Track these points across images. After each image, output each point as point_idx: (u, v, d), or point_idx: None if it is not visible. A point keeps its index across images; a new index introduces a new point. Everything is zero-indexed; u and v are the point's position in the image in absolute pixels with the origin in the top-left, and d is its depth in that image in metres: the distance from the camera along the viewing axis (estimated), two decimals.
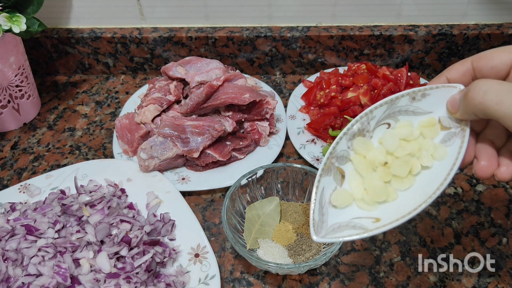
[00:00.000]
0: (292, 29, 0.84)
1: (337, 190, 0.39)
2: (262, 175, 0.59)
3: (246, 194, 0.59)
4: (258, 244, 0.55)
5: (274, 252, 0.54)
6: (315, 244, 0.55)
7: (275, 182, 0.61)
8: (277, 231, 0.57)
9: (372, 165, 0.40)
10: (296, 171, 0.59)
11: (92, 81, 0.90)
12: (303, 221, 0.58)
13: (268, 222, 0.57)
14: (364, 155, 0.40)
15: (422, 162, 0.38)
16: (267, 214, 0.58)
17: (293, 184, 0.60)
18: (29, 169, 0.72)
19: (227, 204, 0.54)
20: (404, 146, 0.39)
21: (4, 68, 0.71)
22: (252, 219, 0.57)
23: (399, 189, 0.38)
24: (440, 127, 0.38)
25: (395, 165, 0.38)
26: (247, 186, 0.59)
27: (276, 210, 0.58)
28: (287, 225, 0.57)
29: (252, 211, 0.58)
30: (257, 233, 0.56)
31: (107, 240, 0.54)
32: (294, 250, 0.55)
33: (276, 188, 0.61)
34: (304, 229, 0.57)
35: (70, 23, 0.87)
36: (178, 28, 0.86)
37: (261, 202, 0.59)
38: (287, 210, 0.59)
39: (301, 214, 0.58)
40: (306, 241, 0.55)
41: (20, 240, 0.52)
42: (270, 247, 0.55)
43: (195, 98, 0.69)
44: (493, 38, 0.82)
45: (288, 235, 0.56)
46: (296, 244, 0.55)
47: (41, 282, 0.48)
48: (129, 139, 0.70)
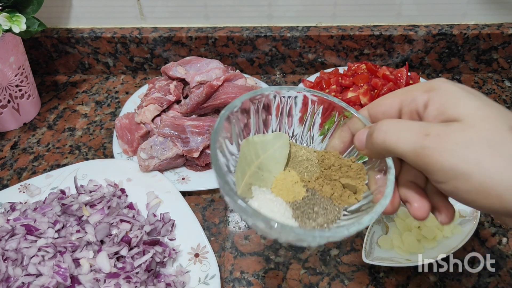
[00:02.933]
0: (292, 29, 0.84)
1: (383, 236, 0.58)
2: (271, 100, 0.41)
3: (249, 120, 0.41)
4: (252, 194, 0.38)
5: (273, 208, 0.38)
6: (332, 208, 0.38)
7: (286, 115, 0.43)
8: (280, 180, 0.40)
9: (408, 227, 0.58)
10: (322, 103, 0.41)
11: (92, 81, 0.90)
12: (318, 173, 0.40)
13: (269, 165, 0.41)
14: (404, 219, 0.59)
15: (444, 233, 0.57)
16: (269, 155, 0.41)
17: (312, 122, 0.43)
18: (29, 169, 0.72)
19: (221, 125, 0.37)
20: (433, 220, 0.56)
21: (4, 68, 0.71)
22: (247, 157, 0.40)
23: (425, 246, 0.56)
24: (459, 215, 0.59)
25: (425, 230, 0.57)
26: (250, 111, 0.41)
27: (282, 151, 0.41)
28: (294, 175, 0.41)
29: (250, 146, 0.40)
30: (252, 178, 0.39)
31: (107, 240, 0.54)
32: (302, 210, 0.38)
33: (287, 122, 0.43)
34: (318, 185, 0.39)
35: (70, 23, 0.87)
36: (178, 28, 0.86)
37: (263, 137, 0.41)
38: (297, 155, 0.42)
39: (315, 164, 0.41)
40: (320, 201, 0.38)
41: (20, 240, 0.52)
42: (268, 200, 0.39)
43: (195, 98, 0.69)
44: (493, 38, 0.82)
45: (295, 188, 0.40)
46: (305, 203, 0.38)
47: (41, 282, 0.48)
48: (129, 139, 0.70)
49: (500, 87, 0.84)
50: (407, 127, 0.30)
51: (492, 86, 0.84)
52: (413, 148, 0.29)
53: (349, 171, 0.37)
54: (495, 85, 0.85)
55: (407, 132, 0.30)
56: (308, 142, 0.43)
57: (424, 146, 0.28)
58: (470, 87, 0.31)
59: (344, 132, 0.38)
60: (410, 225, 0.58)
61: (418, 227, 0.58)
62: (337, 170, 0.38)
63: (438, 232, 0.57)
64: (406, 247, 0.56)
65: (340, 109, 0.39)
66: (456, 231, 0.57)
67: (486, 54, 0.85)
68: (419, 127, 0.29)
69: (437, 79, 0.32)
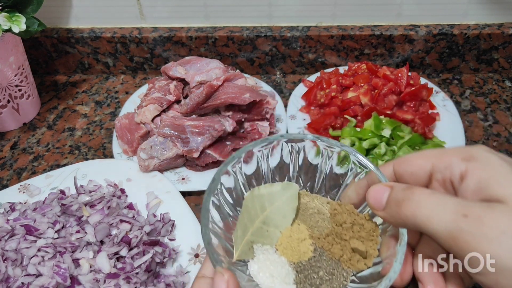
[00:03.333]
0: (292, 28, 0.84)
1: None
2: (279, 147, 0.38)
3: (252, 175, 0.38)
4: (253, 254, 0.34)
5: (274, 272, 0.34)
6: (339, 273, 0.34)
7: (297, 163, 0.39)
8: (286, 237, 0.36)
9: None
10: (332, 151, 0.38)
11: (91, 81, 0.90)
12: (329, 229, 0.36)
13: (275, 220, 0.36)
14: None
15: None
16: (276, 208, 0.37)
17: (325, 169, 0.39)
18: (28, 169, 0.72)
19: (219, 180, 0.34)
20: None
21: (4, 68, 0.71)
22: (251, 212, 0.36)
23: None
24: None
25: None
26: (256, 161, 0.38)
27: (291, 203, 0.37)
28: (303, 230, 0.36)
29: (255, 199, 0.36)
30: (255, 235, 0.35)
31: (107, 240, 0.53)
32: (306, 274, 0.34)
33: (297, 171, 0.40)
34: (327, 244, 0.35)
35: (70, 23, 0.87)
36: (178, 28, 0.86)
37: (271, 187, 0.37)
38: (308, 206, 0.38)
39: (327, 218, 0.37)
40: (326, 263, 0.34)
41: (19, 240, 0.52)
42: (270, 261, 0.34)
43: (195, 98, 0.69)
44: (494, 38, 0.82)
45: (301, 246, 0.35)
46: (310, 264, 0.34)
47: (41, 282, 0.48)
48: (129, 139, 0.70)
49: (500, 87, 0.84)
50: (443, 202, 0.26)
51: (493, 86, 0.84)
52: (448, 229, 0.25)
53: (361, 231, 0.33)
54: (496, 85, 0.84)
55: (442, 209, 0.25)
56: (322, 192, 0.39)
57: (462, 229, 0.24)
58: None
59: (361, 184, 0.34)
60: None
61: None
62: (348, 228, 0.34)
63: None
64: None
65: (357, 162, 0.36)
66: None
67: (487, 54, 0.84)
68: (457, 205, 0.25)
69: (478, 147, 0.28)
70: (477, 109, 0.79)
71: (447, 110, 0.75)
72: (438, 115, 0.74)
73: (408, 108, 0.71)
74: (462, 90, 0.84)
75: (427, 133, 0.69)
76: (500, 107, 0.79)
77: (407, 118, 0.70)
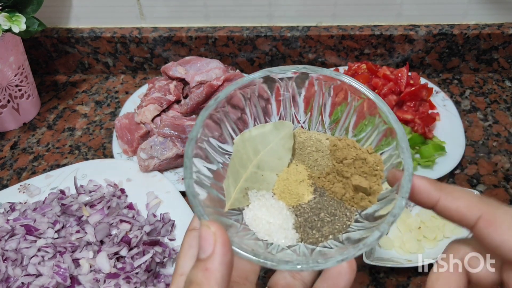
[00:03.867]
0: (292, 28, 0.84)
1: (383, 236, 0.49)
2: (267, 84, 0.33)
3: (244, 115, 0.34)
4: (248, 201, 0.32)
5: (270, 218, 0.31)
6: (342, 213, 0.31)
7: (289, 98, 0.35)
8: (283, 179, 0.33)
9: (409, 227, 0.59)
10: (329, 82, 0.33)
11: (91, 81, 0.90)
12: (330, 167, 0.33)
13: (270, 162, 0.33)
14: (404, 219, 0.59)
15: (444, 234, 0.57)
16: (269, 150, 0.33)
17: (321, 103, 0.35)
18: (28, 169, 0.72)
19: (200, 125, 0.30)
20: (433, 220, 0.58)
21: (4, 67, 0.71)
22: (243, 157, 0.33)
23: (426, 247, 0.57)
24: None
25: (426, 230, 0.58)
26: (242, 103, 0.34)
27: (286, 143, 0.34)
28: (301, 170, 0.33)
29: (246, 143, 0.33)
30: (249, 181, 0.33)
31: (107, 240, 0.53)
32: (306, 217, 0.31)
33: (293, 108, 0.35)
34: (328, 182, 0.32)
35: (70, 23, 0.87)
36: (178, 28, 0.86)
37: (262, 128, 0.34)
38: (305, 145, 0.34)
39: (326, 156, 0.33)
40: (328, 203, 0.31)
41: (19, 240, 0.52)
42: (267, 207, 0.32)
43: (195, 98, 0.69)
44: (494, 38, 0.82)
45: (299, 188, 0.32)
46: (310, 206, 0.31)
47: (41, 282, 0.48)
48: (129, 139, 0.70)
49: (500, 87, 0.84)
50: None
51: (493, 86, 0.84)
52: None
53: (364, 166, 0.31)
54: (496, 85, 0.84)
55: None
56: (320, 128, 0.35)
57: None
58: None
59: None
60: (410, 225, 0.58)
61: (419, 228, 0.58)
62: (350, 164, 0.31)
63: (438, 233, 0.57)
64: (407, 248, 0.56)
65: (353, 90, 0.32)
66: (457, 231, 0.57)
67: (487, 54, 0.84)
68: None
69: None
70: (477, 109, 0.79)
71: (447, 110, 0.75)
72: (438, 115, 0.74)
73: (408, 108, 0.71)
74: (462, 90, 0.84)
75: (427, 133, 0.69)
76: (500, 107, 0.79)
77: (407, 118, 0.70)
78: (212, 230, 0.25)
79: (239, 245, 0.26)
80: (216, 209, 0.30)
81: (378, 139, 0.32)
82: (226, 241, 0.24)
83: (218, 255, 0.24)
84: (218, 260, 0.24)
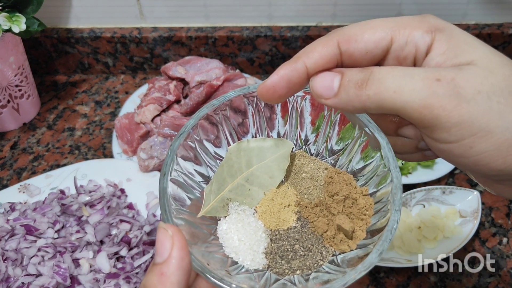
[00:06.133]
0: (292, 28, 0.84)
1: None
2: None
3: (246, 120, 0.34)
4: (226, 212, 0.31)
5: (244, 235, 0.29)
6: (317, 251, 0.29)
7: (297, 116, 0.33)
8: (269, 199, 0.31)
9: (409, 227, 0.58)
10: None
11: (91, 81, 0.90)
12: (320, 199, 0.31)
13: (260, 178, 0.32)
14: (404, 219, 0.59)
15: (444, 234, 0.57)
16: (263, 166, 0.32)
17: (328, 128, 0.33)
18: (28, 169, 0.72)
19: (198, 119, 0.30)
20: (433, 220, 0.58)
21: (4, 68, 0.71)
22: (234, 166, 0.32)
23: (426, 247, 0.57)
24: (459, 215, 0.59)
25: (426, 230, 0.57)
26: (246, 110, 0.33)
27: (281, 163, 0.32)
28: (290, 194, 0.32)
29: (242, 152, 0.32)
30: (234, 192, 0.31)
31: (107, 240, 0.54)
32: (279, 244, 0.29)
33: (299, 126, 0.34)
34: (314, 215, 0.30)
35: (70, 23, 0.87)
36: (178, 28, 0.86)
37: (262, 142, 0.33)
38: (302, 170, 0.33)
39: (320, 186, 0.32)
40: (306, 236, 0.30)
41: (19, 240, 0.52)
42: (243, 223, 0.30)
43: (195, 98, 0.69)
44: (494, 38, 0.82)
45: (282, 213, 0.31)
46: (287, 235, 0.30)
47: (41, 282, 0.48)
48: (129, 139, 0.70)
49: None
50: (410, 73, 0.23)
51: None
52: (421, 97, 0.22)
53: (353, 207, 0.29)
54: None
55: (410, 78, 0.23)
56: (325, 155, 0.33)
57: (436, 93, 0.22)
58: None
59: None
60: (410, 225, 0.58)
61: (419, 228, 0.58)
62: (339, 202, 0.30)
63: (438, 233, 0.57)
64: (407, 248, 0.56)
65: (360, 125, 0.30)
66: (457, 231, 0.57)
67: None
68: (426, 72, 0.23)
69: (432, 17, 0.26)
70: None
71: None
72: None
73: None
74: None
75: None
76: None
77: None
78: (169, 234, 0.23)
79: (195, 255, 0.25)
80: (191, 214, 0.29)
81: (360, 151, 0.31)
82: (183, 246, 0.23)
83: (174, 260, 0.23)
84: (175, 265, 0.23)
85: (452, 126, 0.22)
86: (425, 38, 0.25)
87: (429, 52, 0.25)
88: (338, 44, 0.26)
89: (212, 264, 0.26)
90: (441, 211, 0.60)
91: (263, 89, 0.27)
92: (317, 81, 0.26)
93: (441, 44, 0.25)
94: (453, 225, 0.58)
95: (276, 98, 0.27)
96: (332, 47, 0.26)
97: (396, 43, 0.25)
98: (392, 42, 0.25)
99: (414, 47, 0.25)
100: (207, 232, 0.29)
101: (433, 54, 0.25)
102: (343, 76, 0.25)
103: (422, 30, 0.25)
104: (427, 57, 0.25)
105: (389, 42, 0.25)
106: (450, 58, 0.24)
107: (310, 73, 0.26)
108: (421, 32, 0.25)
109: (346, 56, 0.26)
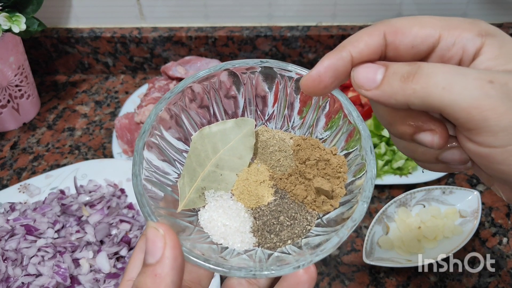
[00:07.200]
0: (292, 28, 0.84)
1: (383, 236, 0.59)
2: (231, 77, 0.32)
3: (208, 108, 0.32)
4: (204, 201, 0.30)
5: (227, 220, 0.29)
6: (303, 217, 0.29)
7: (251, 92, 0.33)
8: (243, 180, 0.31)
9: (409, 227, 0.59)
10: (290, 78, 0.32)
11: (91, 81, 0.90)
12: (292, 168, 0.31)
13: (230, 161, 0.32)
14: (404, 219, 0.60)
15: (444, 234, 0.57)
16: (230, 148, 0.32)
17: (287, 101, 0.33)
18: (28, 169, 0.72)
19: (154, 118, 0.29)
20: (433, 220, 0.59)
21: (4, 67, 0.71)
22: (201, 154, 0.31)
23: (426, 247, 0.57)
24: (459, 215, 0.59)
25: (426, 230, 0.58)
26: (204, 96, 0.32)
27: (247, 142, 0.32)
28: (262, 171, 0.32)
29: (205, 140, 0.31)
30: (207, 180, 0.31)
31: (107, 240, 0.54)
32: (264, 220, 0.29)
33: (259, 104, 0.34)
34: (290, 184, 0.31)
35: (70, 23, 0.87)
36: (177, 28, 0.86)
37: (223, 125, 0.32)
38: (268, 144, 0.33)
39: (290, 156, 0.32)
40: (288, 206, 0.30)
41: (19, 240, 0.52)
42: (224, 208, 0.30)
43: None
44: None
45: (259, 190, 0.31)
46: (269, 209, 0.30)
47: (41, 282, 0.48)
48: (129, 139, 0.70)
49: None
50: (462, 71, 0.23)
51: None
52: (472, 97, 0.22)
53: (327, 168, 0.30)
54: None
55: (462, 77, 0.22)
56: (287, 126, 0.33)
57: (488, 94, 0.21)
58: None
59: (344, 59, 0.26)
60: (410, 225, 0.58)
61: (419, 228, 0.58)
62: (312, 166, 0.30)
63: (438, 233, 0.57)
64: (407, 248, 0.56)
65: None
66: (457, 231, 0.57)
67: None
68: (479, 73, 0.22)
69: (485, 24, 0.25)
70: None
71: None
72: None
73: None
74: None
75: None
76: None
77: None
78: (161, 233, 0.22)
79: (190, 249, 0.25)
80: (169, 210, 0.29)
81: (343, 139, 0.30)
82: (176, 244, 0.22)
83: (168, 260, 0.22)
84: (169, 265, 0.22)
85: (500, 130, 0.22)
86: (475, 41, 0.24)
87: (477, 56, 0.24)
88: (385, 35, 0.25)
89: (206, 254, 0.25)
90: (441, 211, 0.60)
91: (308, 80, 0.26)
92: (360, 71, 0.25)
93: (492, 48, 0.24)
94: (453, 225, 0.58)
95: (322, 89, 0.26)
96: (378, 37, 0.25)
97: (443, 42, 0.25)
98: (440, 41, 0.25)
99: (461, 48, 0.25)
100: (189, 225, 0.29)
101: (482, 58, 0.24)
102: (388, 69, 0.25)
103: (473, 33, 0.24)
104: (475, 60, 0.24)
105: (437, 40, 0.25)
106: (502, 64, 0.24)
107: (355, 62, 0.26)
108: (472, 35, 0.24)
109: (391, 48, 0.25)
